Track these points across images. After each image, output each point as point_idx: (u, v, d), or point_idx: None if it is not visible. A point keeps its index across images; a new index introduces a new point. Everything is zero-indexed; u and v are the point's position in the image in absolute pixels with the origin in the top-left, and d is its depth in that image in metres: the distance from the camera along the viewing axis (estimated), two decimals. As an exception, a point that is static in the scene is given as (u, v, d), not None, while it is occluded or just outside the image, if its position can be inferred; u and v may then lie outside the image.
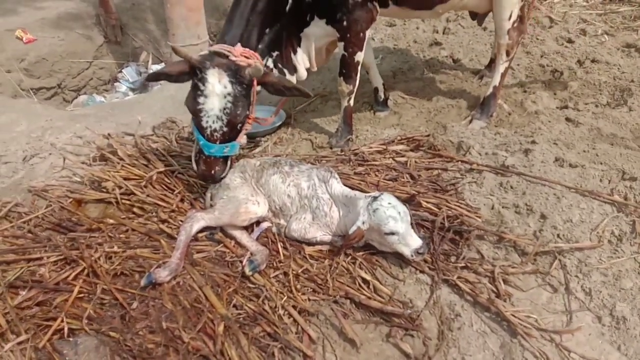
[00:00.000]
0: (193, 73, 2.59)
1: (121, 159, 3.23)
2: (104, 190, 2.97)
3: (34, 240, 2.62)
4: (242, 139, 2.78)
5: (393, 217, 2.25)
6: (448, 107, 4.09)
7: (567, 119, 3.75)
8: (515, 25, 3.59)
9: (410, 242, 2.29)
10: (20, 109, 4.13)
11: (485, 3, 3.66)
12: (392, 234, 2.28)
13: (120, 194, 2.90)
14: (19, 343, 2.07)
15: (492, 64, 4.35)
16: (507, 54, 3.69)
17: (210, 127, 2.62)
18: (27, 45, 5.60)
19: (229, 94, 2.57)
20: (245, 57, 2.62)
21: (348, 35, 3.24)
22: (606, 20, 5.60)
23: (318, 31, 3.24)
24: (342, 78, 3.47)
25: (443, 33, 5.61)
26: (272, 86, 2.72)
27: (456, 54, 4.98)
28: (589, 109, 3.85)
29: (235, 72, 2.56)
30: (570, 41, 5.04)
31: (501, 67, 3.74)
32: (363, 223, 2.30)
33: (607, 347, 2.05)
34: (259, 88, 2.70)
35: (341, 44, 3.32)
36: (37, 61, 5.59)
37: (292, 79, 3.31)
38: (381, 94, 4.11)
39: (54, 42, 5.78)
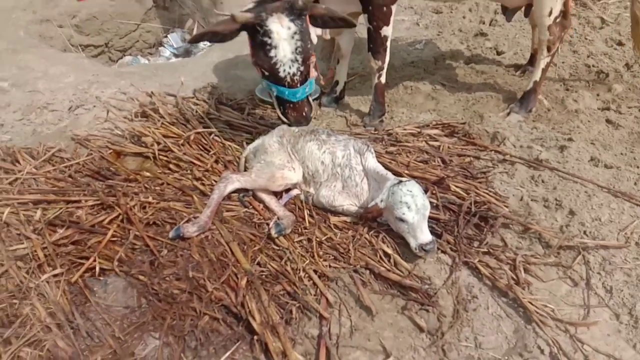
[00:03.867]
0: (252, 31, 2.59)
1: (162, 117, 3.34)
2: (143, 144, 3.09)
3: (74, 184, 2.76)
4: (314, 73, 2.82)
5: (407, 204, 2.26)
6: (487, 97, 4.05)
7: (608, 121, 3.67)
8: (557, 20, 3.51)
9: (419, 235, 2.29)
10: (70, 62, 4.28)
11: None
12: (402, 220, 2.29)
13: (158, 149, 3.01)
14: (55, 275, 2.21)
15: (533, 59, 4.28)
16: (549, 49, 3.61)
17: (289, 73, 2.64)
18: (80, 2, 5.76)
19: (295, 33, 2.58)
20: None
21: (370, 7, 3.18)
22: (661, 26, 5.40)
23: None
24: (370, 54, 3.43)
25: (490, 24, 5.51)
26: (321, 18, 2.74)
27: (500, 47, 4.90)
28: (631, 113, 3.76)
29: (291, 9, 2.57)
30: (620, 44, 4.89)
31: (542, 63, 3.68)
32: (382, 201, 2.34)
33: (622, 344, 2.05)
34: None
35: (365, 17, 3.27)
36: (87, 19, 5.74)
37: None
38: (337, 90, 3.91)
39: (105, 2, 5.92)
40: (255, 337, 1.97)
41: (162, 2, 6.49)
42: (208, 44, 6.06)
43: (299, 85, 2.69)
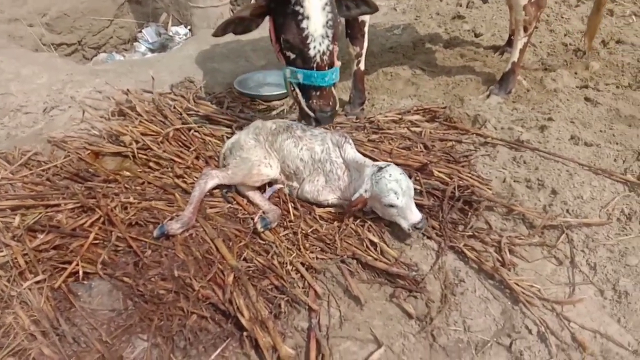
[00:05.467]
0: (282, 3, 2.49)
1: (139, 115, 3.28)
2: (122, 144, 3.03)
3: (52, 188, 2.70)
4: (337, 62, 2.70)
5: (394, 190, 2.27)
6: (467, 80, 4.06)
7: (586, 99, 3.70)
8: (532, 0, 3.52)
9: (409, 216, 2.32)
10: (42, 62, 4.18)
11: None
12: (392, 206, 2.31)
13: (137, 148, 2.96)
14: (37, 282, 2.16)
15: (511, 40, 4.29)
16: (525, 29, 3.62)
17: (319, 51, 2.54)
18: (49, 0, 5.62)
19: (326, 4, 2.49)
20: None
21: None
22: (636, 1, 5.45)
23: None
24: (348, 40, 3.40)
25: (467, 7, 5.51)
26: (345, 0, 2.66)
27: (478, 29, 4.91)
28: (609, 90, 3.80)
29: None
30: (596, 21, 4.92)
31: (519, 44, 3.68)
32: (365, 191, 2.34)
33: (607, 319, 2.08)
34: None
35: None
36: (58, 17, 5.60)
37: None
38: None
39: (76, -1, 5.80)
40: (245, 334, 1.95)
41: (135, -4, 6.37)
42: (184, 37, 5.99)
43: (327, 67, 2.59)
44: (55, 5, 5.61)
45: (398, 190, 2.28)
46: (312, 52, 2.54)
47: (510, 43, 4.38)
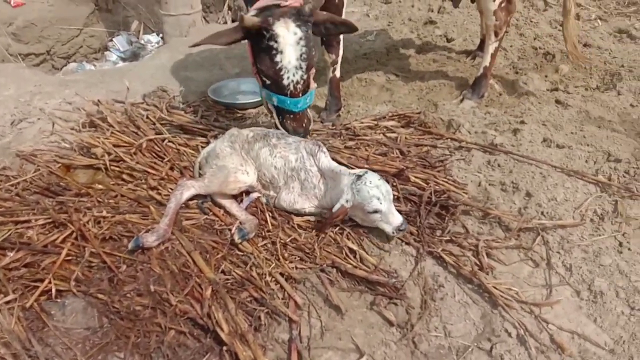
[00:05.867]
0: (257, 36, 2.53)
1: (111, 126, 3.22)
2: (93, 156, 2.96)
3: (22, 204, 2.61)
4: (313, 84, 2.76)
5: (376, 196, 2.30)
6: (440, 85, 4.11)
7: (557, 101, 3.78)
8: (502, 5, 3.58)
9: (392, 219, 2.35)
10: (9, 73, 4.07)
11: None
12: (375, 212, 2.33)
13: (110, 160, 2.90)
14: (7, 302, 2.09)
15: (482, 45, 4.35)
16: (496, 34, 3.68)
17: (292, 81, 2.58)
18: (15, 9, 5.49)
19: (300, 39, 2.53)
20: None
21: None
22: (600, 6, 5.61)
23: None
24: (323, 47, 3.42)
25: (438, 12, 5.58)
26: (323, 24, 2.69)
27: (450, 34, 4.97)
28: (578, 92, 3.88)
29: (298, 15, 2.52)
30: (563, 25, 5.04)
31: (490, 48, 3.75)
32: (347, 201, 2.34)
33: (583, 319, 2.11)
34: None
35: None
36: (25, 26, 5.47)
37: None
38: None
39: (43, 7, 5.67)
40: (225, 348, 1.92)
41: (105, 4, 6.26)
42: (156, 45, 5.92)
43: (300, 95, 2.64)
44: (21, 14, 5.48)
45: (380, 195, 2.30)
46: (285, 82, 2.58)
47: (482, 47, 4.44)
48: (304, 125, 2.75)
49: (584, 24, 5.12)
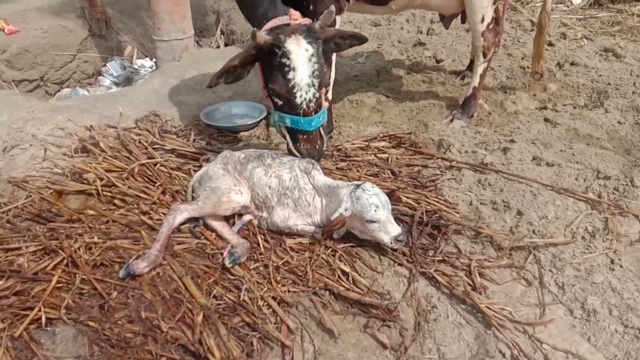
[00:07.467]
0: (269, 54, 2.53)
1: (103, 151, 3.22)
2: (85, 181, 2.96)
3: (13, 230, 2.60)
4: (325, 103, 2.75)
5: (375, 204, 2.30)
6: (430, 106, 4.15)
7: (546, 120, 3.83)
8: (490, 27, 3.65)
9: (390, 229, 2.35)
10: (2, 99, 4.08)
11: (449, 5, 3.69)
12: (374, 221, 2.33)
13: (102, 185, 2.89)
14: (-4, 332, 2.06)
15: (472, 65, 4.42)
16: (484, 55, 3.74)
17: (305, 99, 2.57)
18: (9, 36, 5.53)
19: (312, 56, 2.53)
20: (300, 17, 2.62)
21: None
22: (585, 25, 5.72)
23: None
24: None
25: (427, 34, 5.67)
26: (333, 39, 2.70)
27: (439, 55, 5.04)
28: (566, 110, 3.93)
29: (308, 32, 2.53)
30: (550, 44, 5.13)
31: (479, 69, 3.80)
32: (345, 210, 2.34)
33: (577, 338, 2.10)
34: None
35: None
36: (19, 53, 5.52)
37: None
38: None
39: (37, 34, 5.72)
40: (217, 374, 1.90)
41: (98, 30, 6.32)
42: (149, 69, 5.96)
43: (313, 113, 2.64)
44: (15, 41, 5.53)
45: (379, 203, 2.31)
46: (298, 101, 2.58)
47: (471, 68, 4.50)
48: (317, 146, 2.74)
49: (571, 43, 5.21)
